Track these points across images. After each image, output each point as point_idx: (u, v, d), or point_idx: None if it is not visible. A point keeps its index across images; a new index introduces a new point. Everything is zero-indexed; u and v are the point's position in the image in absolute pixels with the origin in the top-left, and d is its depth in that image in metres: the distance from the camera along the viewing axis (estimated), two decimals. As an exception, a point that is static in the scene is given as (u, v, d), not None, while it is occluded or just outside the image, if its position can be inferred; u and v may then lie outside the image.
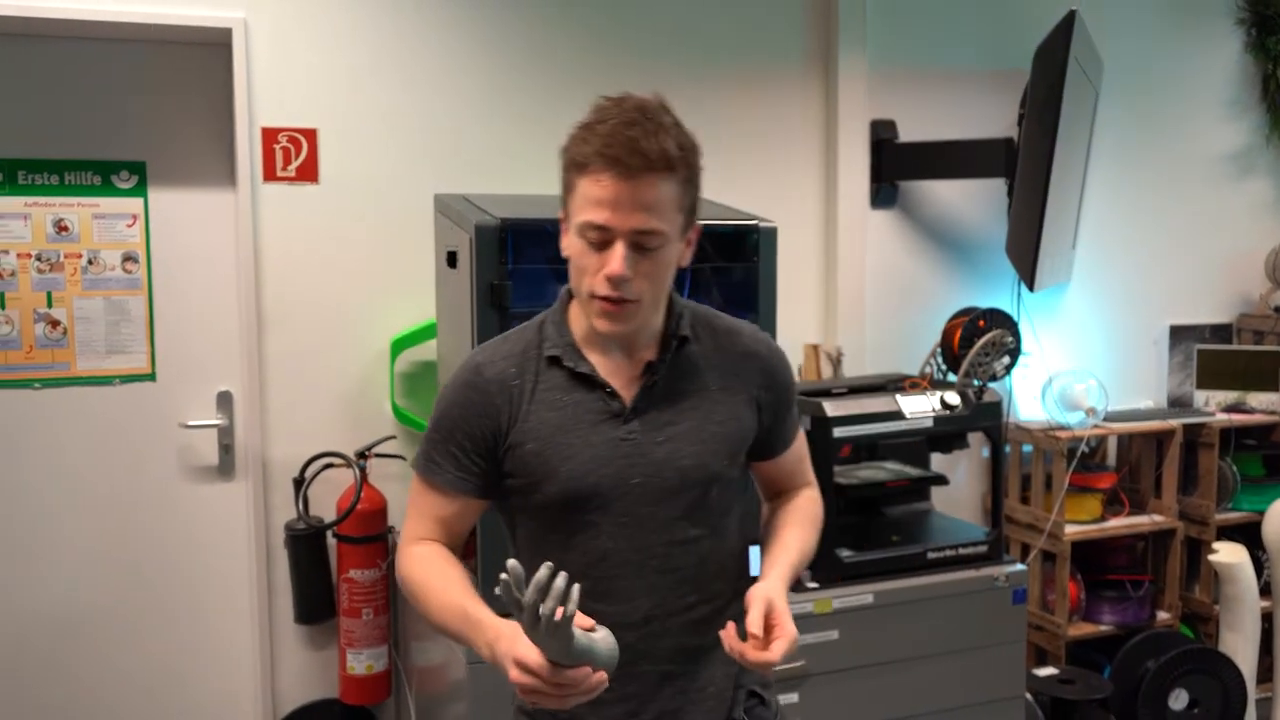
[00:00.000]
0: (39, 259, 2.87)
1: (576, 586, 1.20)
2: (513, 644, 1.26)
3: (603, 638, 1.28)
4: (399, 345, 2.95)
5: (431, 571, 1.45)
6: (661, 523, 1.46)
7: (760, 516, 1.69)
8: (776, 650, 1.36)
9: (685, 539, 1.48)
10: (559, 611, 1.18)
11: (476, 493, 1.49)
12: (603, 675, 1.27)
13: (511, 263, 2.31)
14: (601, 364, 1.48)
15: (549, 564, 1.19)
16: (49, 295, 2.88)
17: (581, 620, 1.25)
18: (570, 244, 1.43)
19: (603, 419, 1.45)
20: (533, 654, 1.23)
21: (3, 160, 2.81)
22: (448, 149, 3.01)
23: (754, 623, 1.37)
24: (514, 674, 1.26)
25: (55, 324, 2.88)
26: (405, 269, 2.96)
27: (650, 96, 1.41)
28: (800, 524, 1.60)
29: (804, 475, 1.69)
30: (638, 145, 1.33)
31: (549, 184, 3.03)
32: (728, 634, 1.39)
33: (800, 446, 1.67)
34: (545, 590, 1.18)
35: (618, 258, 1.36)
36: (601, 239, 1.37)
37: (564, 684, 1.24)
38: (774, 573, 1.48)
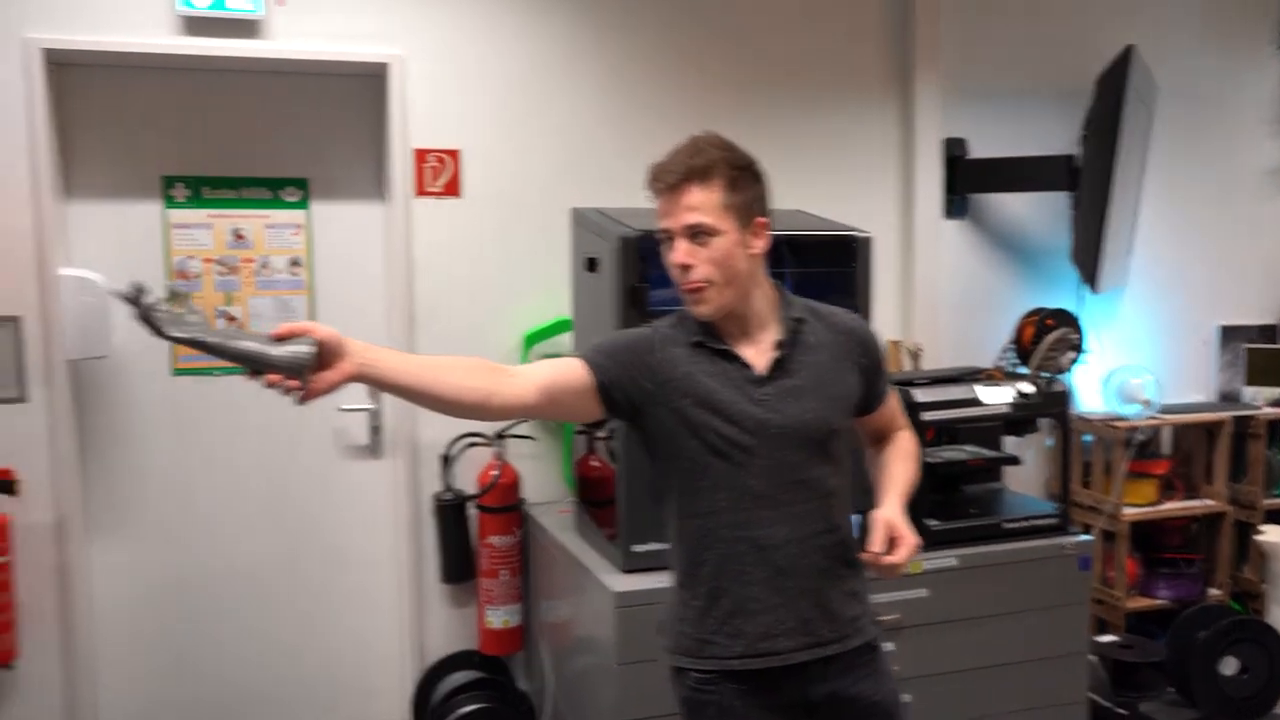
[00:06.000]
0: (220, 263, 3.29)
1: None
2: None
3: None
4: (531, 340, 3.35)
5: (444, 360, 1.75)
6: (793, 465, 1.83)
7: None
8: (902, 554, 1.79)
9: (812, 479, 1.85)
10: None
11: (597, 384, 1.81)
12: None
13: (647, 268, 2.69)
14: (737, 344, 1.86)
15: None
16: (228, 295, 3.30)
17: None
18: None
19: (744, 384, 1.83)
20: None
21: (190, 178, 3.25)
22: (575, 166, 3.41)
23: (878, 541, 1.80)
24: None
25: (232, 320, 3.31)
26: (536, 272, 3.36)
27: (703, 132, 1.86)
28: (903, 459, 2.02)
29: (899, 421, 2.08)
30: (674, 166, 1.80)
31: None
32: (868, 553, 1.81)
33: (893, 399, 2.05)
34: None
35: (677, 250, 1.80)
36: (668, 240, 1.82)
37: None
38: (890, 499, 1.90)
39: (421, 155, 3.29)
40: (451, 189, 3.33)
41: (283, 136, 3.31)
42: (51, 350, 3.02)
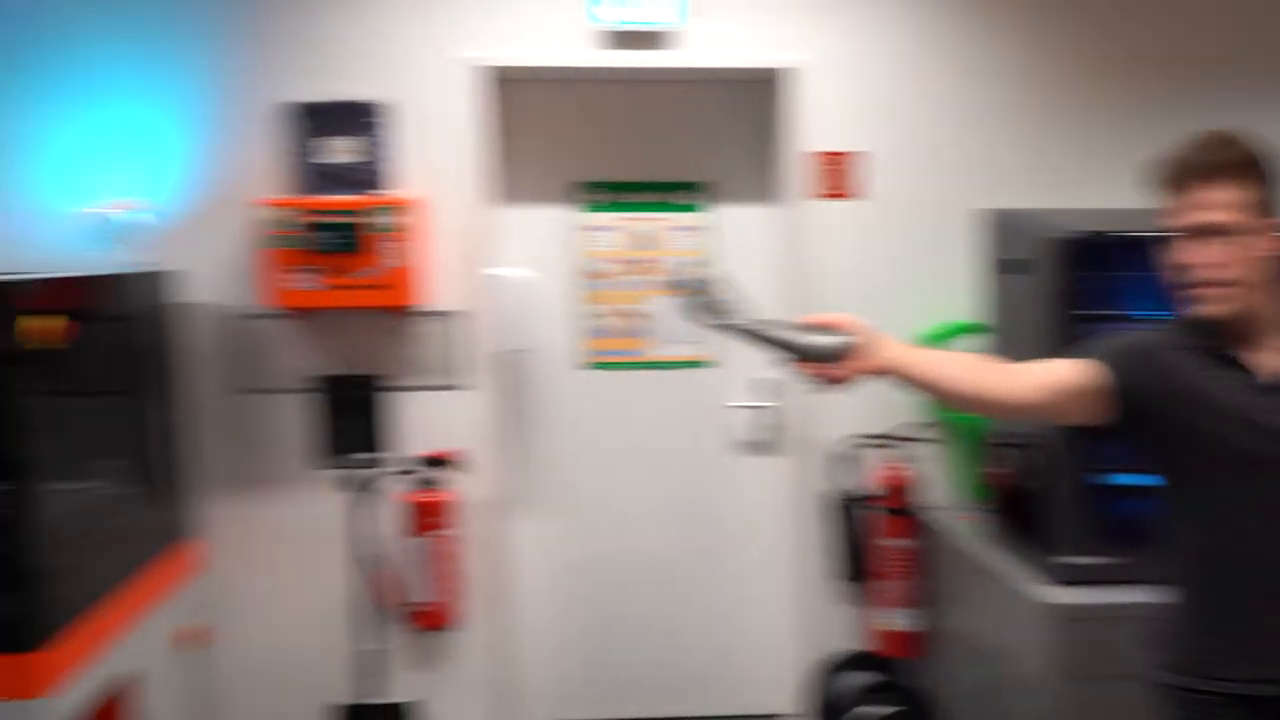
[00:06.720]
0: (626, 264, 3.48)
1: None
2: None
3: None
4: (928, 343, 3.30)
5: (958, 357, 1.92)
6: None
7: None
8: None
9: None
10: None
11: (1115, 386, 1.78)
12: None
13: (1080, 271, 2.58)
14: (1245, 350, 1.75)
15: None
16: (632, 293, 3.48)
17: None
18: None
19: (1255, 392, 1.73)
20: None
21: (600, 183, 3.45)
22: (975, 167, 3.33)
23: None
24: None
25: (636, 317, 3.48)
26: (933, 275, 3.31)
27: (1221, 129, 1.75)
28: None
29: None
30: (1185, 165, 1.72)
31: (1068, 198, 3.21)
32: None
33: None
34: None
35: (1187, 249, 1.72)
36: (1172, 239, 1.74)
37: None
38: None
39: (818, 158, 3.33)
40: (849, 191, 3.34)
41: (681, 142, 3.45)
42: (487, 343, 3.29)
